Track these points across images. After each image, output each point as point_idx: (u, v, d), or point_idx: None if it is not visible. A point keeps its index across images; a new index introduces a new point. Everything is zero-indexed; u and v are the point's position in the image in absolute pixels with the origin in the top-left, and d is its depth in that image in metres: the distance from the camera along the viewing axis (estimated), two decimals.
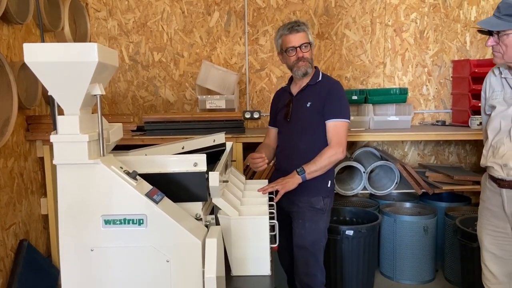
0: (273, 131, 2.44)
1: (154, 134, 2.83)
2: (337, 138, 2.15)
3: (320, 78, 2.28)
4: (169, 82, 3.53)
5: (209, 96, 3.09)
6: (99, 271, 1.25)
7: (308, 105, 2.22)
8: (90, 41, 3.49)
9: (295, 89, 2.34)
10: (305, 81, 2.28)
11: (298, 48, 2.19)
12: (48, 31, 2.93)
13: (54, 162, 1.21)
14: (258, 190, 1.89)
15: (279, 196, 2.00)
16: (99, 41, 3.50)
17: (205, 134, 2.02)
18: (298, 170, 2.08)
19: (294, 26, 2.19)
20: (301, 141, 2.21)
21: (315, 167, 2.09)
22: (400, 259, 3.08)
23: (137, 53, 3.51)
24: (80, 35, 3.42)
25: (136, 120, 3.44)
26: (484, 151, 1.93)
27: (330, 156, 2.13)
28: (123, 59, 3.52)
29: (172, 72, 3.52)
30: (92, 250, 1.24)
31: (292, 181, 2.06)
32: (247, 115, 3.41)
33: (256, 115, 3.39)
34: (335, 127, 2.17)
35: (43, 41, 1.62)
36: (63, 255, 1.24)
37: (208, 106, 3.09)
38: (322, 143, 2.18)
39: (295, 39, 2.19)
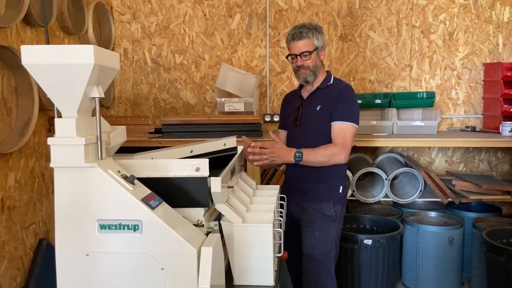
0: (283, 134, 2.40)
1: (171, 137, 2.83)
2: (342, 140, 2.08)
3: (331, 82, 2.24)
4: (190, 84, 3.53)
5: (227, 98, 3.06)
6: (94, 277, 1.23)
7: (318, 108, 2.18)
8: (114, 44, 3.55)
9: (305, 93, 2.30)
10: (315, 84, 2.24)
11: (298, 56, 2.16)
12: (72, 34, 2.99)
13: (51, 165, 1.21)
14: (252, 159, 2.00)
15: (260, 163, 2.01)
16: (123, 44, 3.55)
17: (222, 137, 1.99)
18: (297, 154, 2.01)
19: (296, 33, 2.15)
20: (311, 145, 2.13)
21: (313, 159, 2.04)
22: (424, 271, 2.94)
23: (159, 55, 3.53)
24: (104, 38, 3.47)
25: (157, 122, 3.46)
26: None
27: (332, 154, 2.06)
28: (146, 61, 3.55)
29: (193, 74, 3.52)
30: (87, 255, 1.22)
31: (282, 159, 2.03)
32: (267, 118, 3.37)
33: (276, 118, 3.34)
34: (341, 129, 2.10)
35: (48, 42, 1.63)
36: (59, 259, 1.23)
37: (226, 109, 3.06)
38: None
39: (296, 47, 2.15)
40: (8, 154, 2.33)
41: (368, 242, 2.62)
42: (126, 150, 1.61)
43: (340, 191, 2.19)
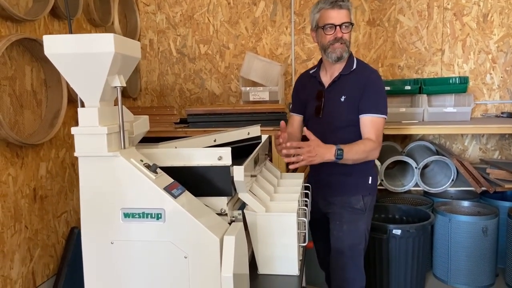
0: (297, 118, 2.21)
1: (197, 126, 2.83)
2: (376, 136, 1.94)
3: (354, 67, 2.02)
4: (214, 74, 3.52)
5: (252, 88, 3.04)
6: (119, 264, 1.24)
7: (342, 99, 1.99)
8: (139, 35, 3.57)
9: (326, 79, 2.08)
10: (338, 69, 2.02)
11: (338, 27, 1.90)
12: (98, 26, 3.02)
13: (75, 154, 1.22)
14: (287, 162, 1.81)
15: (297, 165, 1.77)
16: (148, 35, 3.57)
17: (247, 126, 1.97)
18: (338, 151, 1.79)
19: (338, 1, 1.89)
20: (336, 139, 1.95)
21: (352, 157, 1.85)
22: (456, 262, 2.85)
23: (184, 45, 3.53)
24: (130, 30, 3.50)
25: (183, 112, 3.48)
26: None
27: (369, 151, 1.92)
28: (171, 52, 3.56)
29: (217, 64, 3.50)
30: (112, 243, 1.24)
31: (321, 157, 1.77)
32: None
33: None
34: (373, 123, 1.95)
35: (71, 33, 1.65)
36: (85, 246, 1.25)
37: (251, 98, 3.04)
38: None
39: (337, 16, 1.89)
40: (39, 145, 2.39)
41: (397, 232, 2.56)
42: (152, 140, 1.62)
43: (370, 182, 2.07)
